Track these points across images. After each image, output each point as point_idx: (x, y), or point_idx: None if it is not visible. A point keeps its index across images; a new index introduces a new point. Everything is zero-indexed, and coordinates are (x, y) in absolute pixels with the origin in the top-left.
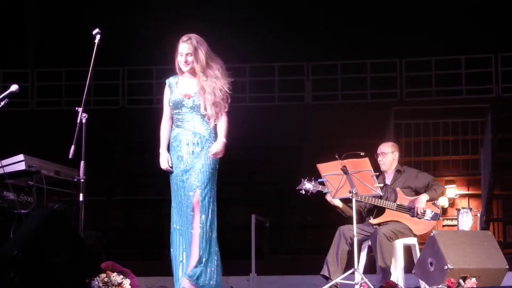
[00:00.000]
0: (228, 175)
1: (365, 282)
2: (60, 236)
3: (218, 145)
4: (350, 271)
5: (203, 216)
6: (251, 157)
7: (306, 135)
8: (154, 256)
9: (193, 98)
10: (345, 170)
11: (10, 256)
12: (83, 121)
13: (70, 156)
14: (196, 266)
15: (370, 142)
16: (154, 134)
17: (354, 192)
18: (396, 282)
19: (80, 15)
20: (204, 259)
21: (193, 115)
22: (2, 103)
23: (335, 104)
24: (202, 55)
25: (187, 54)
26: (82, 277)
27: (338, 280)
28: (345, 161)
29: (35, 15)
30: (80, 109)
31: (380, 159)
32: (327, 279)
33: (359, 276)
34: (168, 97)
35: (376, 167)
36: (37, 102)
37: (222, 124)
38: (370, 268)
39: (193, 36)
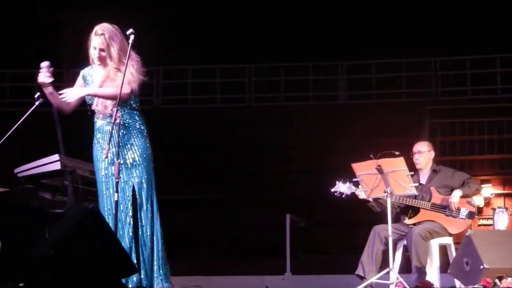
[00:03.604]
0: (264, 175)
1: (400, 281)
2: (95, 235)
3: (83, 90)
4: (385, 271)
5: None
6: (286, 157)
7: (340, 135)
8: (189, 256)
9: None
10: (380, 170)
11: (46, 256)
12: (117, 121)
13: (105, 156)
14: None
15: (404, 142)
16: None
17: (389, 192)
18: (432, 282)
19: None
20: None
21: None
22: (37, 103)
23: (369, 103)
24: (115, 52)
25: (100, 50)
26: (117, 276)
27: (373, 279)
28: (380, 160)
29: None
30: (115, 109)
31: (416, 157)
32: (362, 278)
33: (394, 276)
34: (80, 86)
35: (410, 166)
36: None
37: (111, 89)
38: (405, 268)
39: (107, 29)
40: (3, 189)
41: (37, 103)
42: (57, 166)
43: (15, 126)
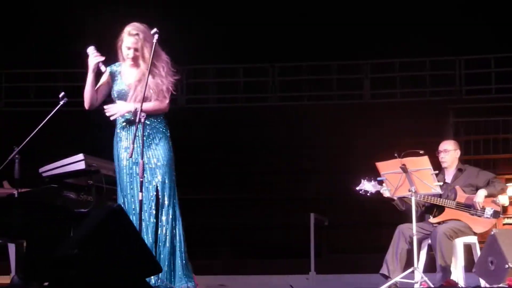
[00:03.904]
0: (287, 174)
1: (425, 281)
2: (120, 234)
3: (125, 104)
4: (410, 270)
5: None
6: (311, 156)
7: (365, 134)
8: (213, 255)
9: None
10: (404, 169)
11: (70, 255)
12: (142, 120)
13: (129, 155)
14: None
15: (429, 140)
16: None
17: (413, 191)
18: (456, 281)
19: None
20: None
21: None
22: (62, 103)
23: (393, 102)
24: (148, 53)
25: (134, 49)
26: (141, 275)
27: (397, 279)
28: (404, 159)
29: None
30: (139, 110)
31: (442, 156)
32: (387, 278)
33: (418, 275)
34: (107, 82)
35: (435, 165)
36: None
37: (156, 103)
38: (430, 267)
39: (141, 30)
40: (27, 189)
41: (61, 102)
42: (81, 165)
43: (40, 126)
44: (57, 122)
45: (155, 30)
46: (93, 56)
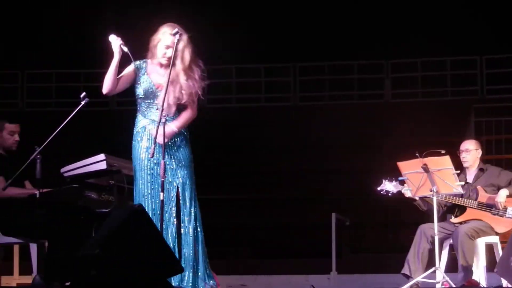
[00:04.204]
0: (308, 174)
1: (446, 280)
2: (141, 234)
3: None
4: (431, 270)
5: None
6: (332, 156)
7: (385, 133)
8: (235, 255)
9: (162, 90)
10: (426, 168)
11: (92, 255)
12: (163, 120)
13: (150, 155)
14: None
15: (450, 140)
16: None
17: (435, 190)
18: (478, 281)
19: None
20: None
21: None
22: (83, 103)
23: (415, 102)
24: (188, 54)
25: (174, 49)
26: (163, 275)
27: (419, 278)
28: (426, 159)
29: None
30: (161, 109)
31: (463, 156)
32: (408, 277)
33: (440, 275)
34: (129, 74)
35: (456, 165)
36: (117, 102)
37: (183, 116)
38: (451, 267)
39: (183, 31)
40: (49, 189)
41: (83, 102)
42: (102, 165)
43: (61, 126)
44: (79, 122)
45: (175, 30)
46: (115, 39)
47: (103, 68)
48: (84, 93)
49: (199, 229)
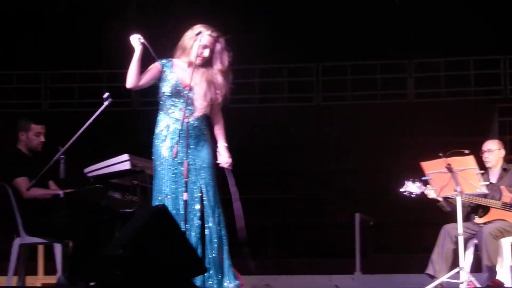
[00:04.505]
0: (332, 174)
1: (471, 281)
2: (165, 234)
3: (225, 153)
4: (456, 270)
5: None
6: (353, 155)
7: (409, 133)
8: (258, 255)
9: (194, 89)
10: (449, 168)
11: (116, 255)
12: (185, 121)
13: (174, 156)
14: None
15: (473, 140)
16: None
17: (458, 190)
18: (502, 281)
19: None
20: None
21: (189, 107)
22: (106, 103)
23: (438, 101)
24: (226, 58)
25: (211, 50)
26: (187, 275)
27: (443, 279)
28: (449, 159)
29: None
30: (183, 110)
31: (486, 156)
32: (432, 278)
33: (464, 275)
34: (153, 71)
35: (480, 165)
36: (140, 102)
37: (221, 127)
38: (476, 267)
39: (221, 35)
40: (73, 190)
41: (106, 103)
42: (126, 166)
43: (85, 126)
44: (102, 123)
45: (198, 30)
46: (134, 36)
47: (126, 68)
48: (107, 93)
49: (222, 229)
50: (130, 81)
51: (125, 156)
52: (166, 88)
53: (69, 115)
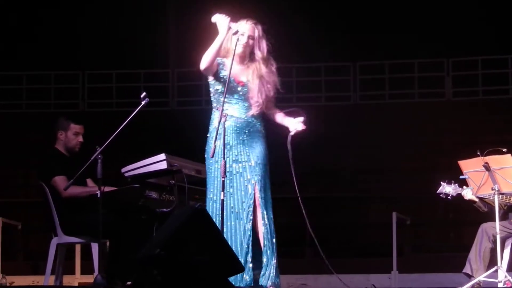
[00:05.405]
0: (369, 173)
1: (508, 280)
2: (202, 234)
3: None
4: (493, 269)
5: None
6: (390, 154)
7: (447, 132)
8: (295, 254)
9: (247, 85)
10: (487, 167)
11: (153, 255)
12: (222, 120)
13: (211, 155)
14: None
15: (510, 139)
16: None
17: (496, 189)
18: None
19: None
20: None
21: (243, 104)
22: (143, 103)
23: (475, 100)
24: (264, 45)
25: (249, 36)
26: (224, 275)
27: (481, 278)
28: (487, 157)
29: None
30: (220, 109)
31: None
32: (470, 277)
33: (502, 274)
34: (215, 65)
35: None
36: (177, 102)
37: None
38: None
39: (258, 22)
40: (110, 188)
41: (143, 103)
42: (163, 165)
43: (122, 126)
44: (139, 122)
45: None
46: (222, 17)
47: (163, 68)
48: (144, 93)
49: (273, 227)
50: (205, 63)
51: (162, 156)
52: (220, 86)
53: (106, 115)
